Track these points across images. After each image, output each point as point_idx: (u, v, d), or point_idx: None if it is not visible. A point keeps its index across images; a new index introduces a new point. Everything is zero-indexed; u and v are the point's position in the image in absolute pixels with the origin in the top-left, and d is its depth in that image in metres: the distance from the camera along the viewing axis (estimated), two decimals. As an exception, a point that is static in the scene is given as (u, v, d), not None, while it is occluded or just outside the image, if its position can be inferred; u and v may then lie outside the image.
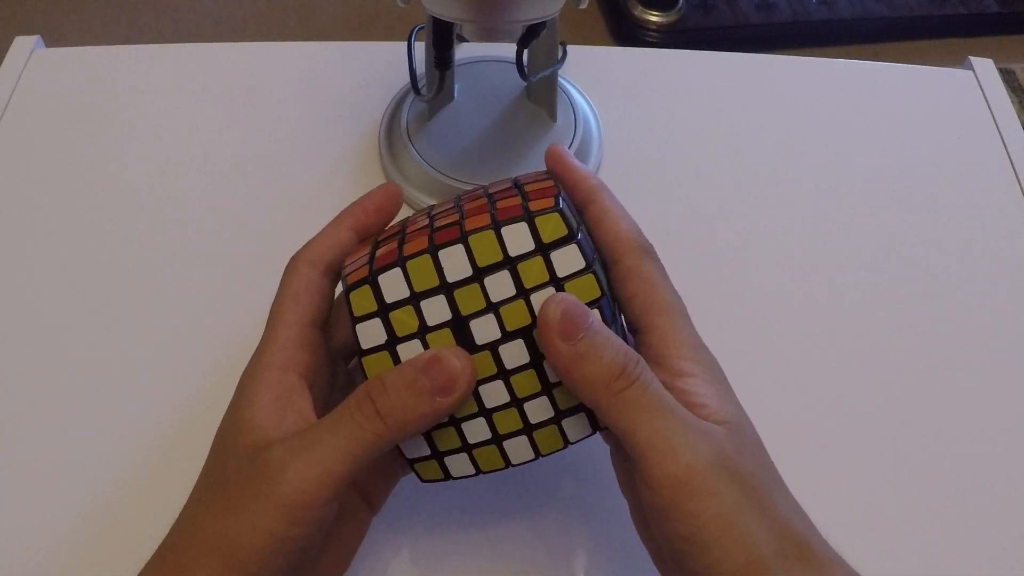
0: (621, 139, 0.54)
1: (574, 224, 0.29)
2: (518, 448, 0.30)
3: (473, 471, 0.31)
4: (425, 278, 0.29)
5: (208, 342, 0.45)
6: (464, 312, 0.29)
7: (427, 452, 0.31)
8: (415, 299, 0.29)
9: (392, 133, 0.53)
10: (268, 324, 0.32)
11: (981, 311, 0.48)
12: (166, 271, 0.48)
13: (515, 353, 0.29)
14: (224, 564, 0.27)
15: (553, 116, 0.53)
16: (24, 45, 0.58)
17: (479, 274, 0.28)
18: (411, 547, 0.39)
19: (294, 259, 0.33)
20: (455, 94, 0.54)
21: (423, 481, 0.32)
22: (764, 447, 0.30)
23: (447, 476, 0.31)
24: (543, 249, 0.28)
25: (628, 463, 0.29)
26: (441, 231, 0.29)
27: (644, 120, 0.56)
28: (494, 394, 0.30)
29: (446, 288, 0.29)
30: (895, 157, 0.55)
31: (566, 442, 0.30)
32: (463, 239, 0.28)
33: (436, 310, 0.29)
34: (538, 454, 0.31)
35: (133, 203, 0.51)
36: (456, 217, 0.30)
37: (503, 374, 0.29)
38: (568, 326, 0.28)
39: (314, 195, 0.51)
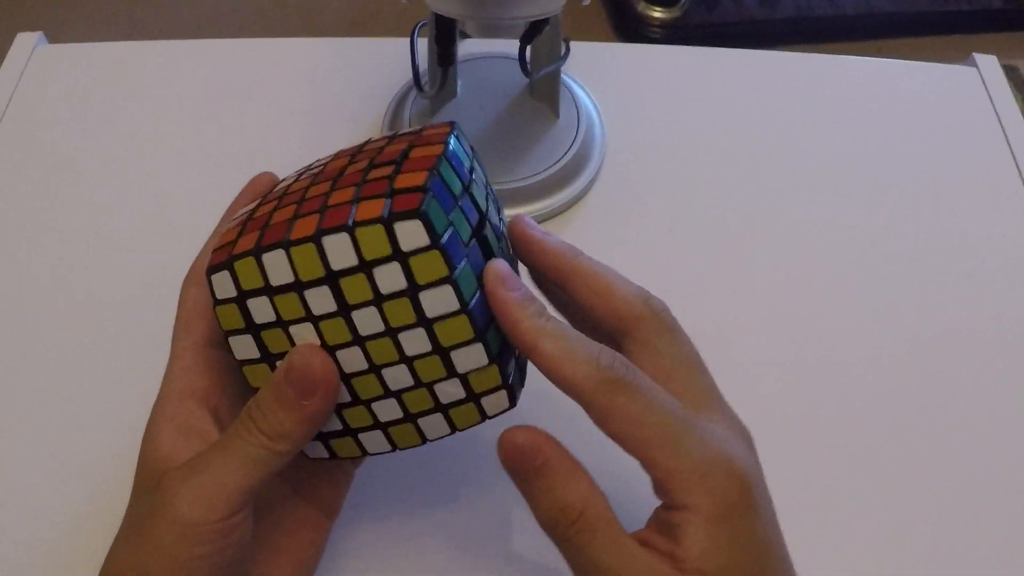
0: (624, 135, 0.54)
1: (439, 227, 0.27)
2: (433, 424, 0.30)
3: (390, 447, 0.31)
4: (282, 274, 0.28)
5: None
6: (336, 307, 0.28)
7: (339, 427, 0.31)
8: (271, 291, 0.28)
9: (395, 130, 0.53)
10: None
11: (984, 306, 0.48)
12: (167, 269, 0.48)
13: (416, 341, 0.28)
14: None
15: (556, 112, 0.53)
16: (26, 42, 0.58)
17: (335, 275, 0.27)
18: (392, 549, 0.39)
19: (184, 283, 0.33)
20: (458, 91, 0.54)
21: (339, 458, 0.32)
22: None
23: (364, 452, 0.31)
24: (401, 256, 0.27)
25: None
26: (300, 223, 0.28)
27: (647, 116, 0.56)
28: (399, 377, 0.29)
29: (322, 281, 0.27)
30: (898, 153, 0.54)
31: (484, 416, 0.30)
32: (317, 238, 0.27)
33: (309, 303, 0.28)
34: (455, 429, 0.30)
35: (135, 200, 0.51)
36: (319, 204, 0.28)
37: (404, 360, 0.29)
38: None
39: (317, 192, 0.51)
